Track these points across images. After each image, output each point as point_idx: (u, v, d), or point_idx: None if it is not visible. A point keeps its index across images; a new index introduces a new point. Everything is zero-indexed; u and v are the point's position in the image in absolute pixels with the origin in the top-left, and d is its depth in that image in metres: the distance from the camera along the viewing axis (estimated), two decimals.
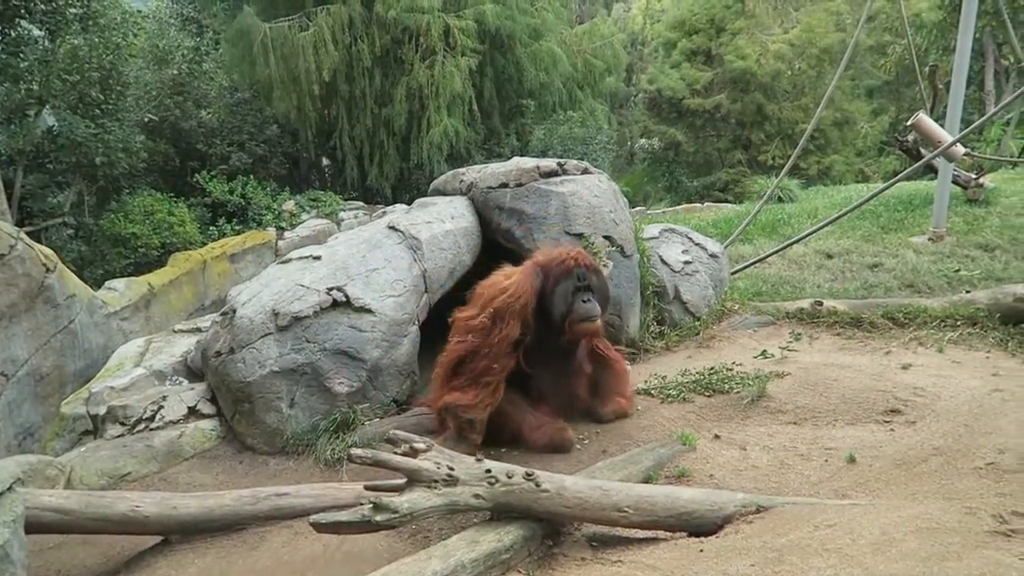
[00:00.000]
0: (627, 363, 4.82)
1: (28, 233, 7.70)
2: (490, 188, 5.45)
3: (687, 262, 6.00)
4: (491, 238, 5.48)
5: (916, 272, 6.66)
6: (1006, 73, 18.71)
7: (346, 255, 4.95)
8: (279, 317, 4.50)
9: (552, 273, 4.01)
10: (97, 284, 9.01)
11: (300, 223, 12.72)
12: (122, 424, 4.63)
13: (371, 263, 4.86)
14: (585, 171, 5.67)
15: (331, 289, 4.61)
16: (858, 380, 4.34)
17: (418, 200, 5.94)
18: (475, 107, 14.30)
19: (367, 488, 2.87)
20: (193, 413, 4.77)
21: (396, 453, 2.88)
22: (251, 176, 13.32)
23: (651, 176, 25.41)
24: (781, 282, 6.85)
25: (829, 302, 5.68)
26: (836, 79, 9.27)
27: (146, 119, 12.85)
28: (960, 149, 7.18)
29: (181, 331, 6.04)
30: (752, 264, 7.25)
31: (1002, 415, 3.59)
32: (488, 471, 2.89)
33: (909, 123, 7.74)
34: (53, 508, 3.18)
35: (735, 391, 4.43)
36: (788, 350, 4.97)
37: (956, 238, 7.69)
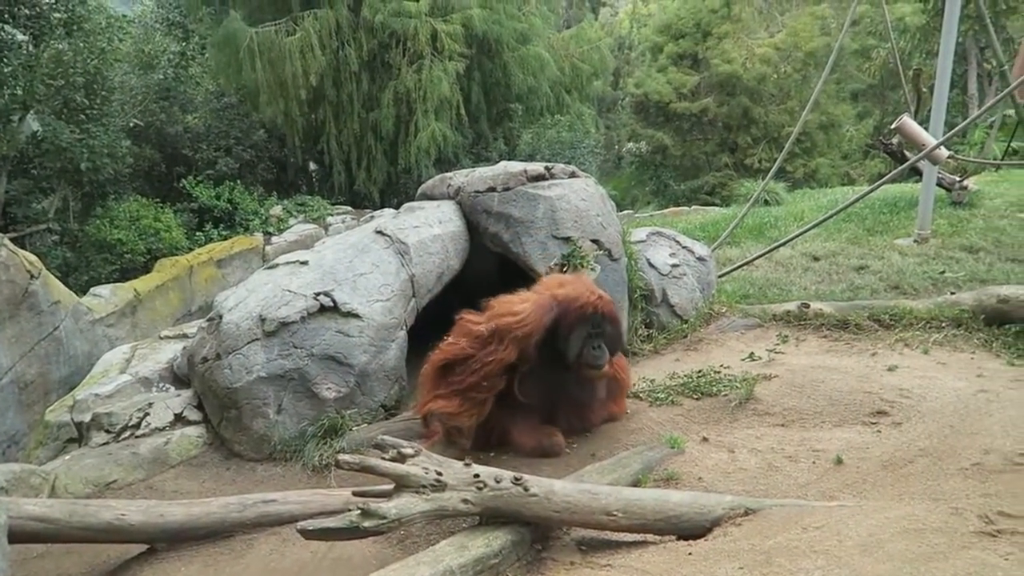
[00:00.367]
0: (630, 369, 4.74)
1: (12, 239, 7.65)
2: (478, 192, 5.44)
3: (675, 265, 6.02)
4: (479, 242, 5.47)
5: (901, 274, 6.70)
6: (989, 77, 18.93)
7: (333, 260, 4.93)
8: (266, 323, 4.48)
9: (569, 312, 3.91)
10: (82, 290, 8.94)
11: (287, 228, 12.67)
12: (107, 431, 4.59)
13: (359, 268, 4.85)
14: (572, 175, 5.68)
15: (318, 294, 4.59)
16: (845, 382, 4.36)
17: (406, 205, 5.93)
18: (463, 111, 14.28)
19: (355, 494, 2.86)
20: (179, 420, 4.73)
21: (384, 458, 2.86)
22: (238, 181, 13.24)
23: (638, 180, 25.55)
24: (768, 284, 6.88)
25: (816, 304, 5.71)
26: (821, 83, 9.30)
27: (132, 124, 12.72)
28: (944, 152, 7.22)
29: (167, 337, 6.00)
30: (739, 267, 7.28)
31: (987, 416, 3.62)
32: (476, 476, 2.88)
33: (893, 126, 7.77)
34: (37, 517, 3.14)
35: (723, 394, 4.45)
36: (775, 352, 5.00)
37: (941, 240, 7.74)
